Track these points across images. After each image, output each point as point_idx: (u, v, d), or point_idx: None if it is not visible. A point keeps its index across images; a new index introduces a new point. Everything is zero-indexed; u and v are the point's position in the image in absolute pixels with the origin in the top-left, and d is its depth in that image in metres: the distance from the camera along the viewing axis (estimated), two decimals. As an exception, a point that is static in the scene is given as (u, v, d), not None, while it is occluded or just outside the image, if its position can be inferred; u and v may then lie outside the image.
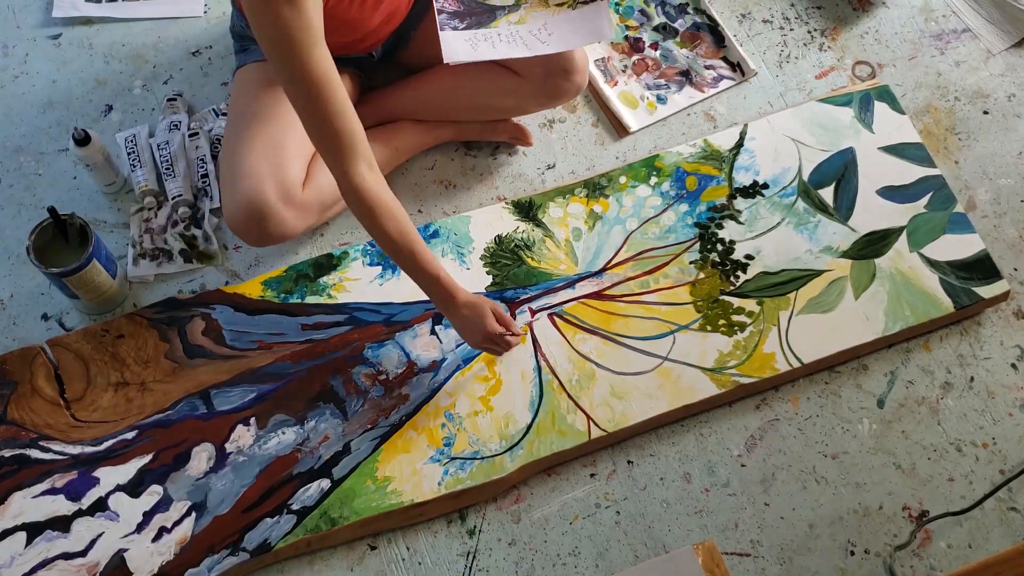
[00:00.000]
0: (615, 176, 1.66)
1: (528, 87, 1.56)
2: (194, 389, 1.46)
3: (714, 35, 1.84)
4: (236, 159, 1.43)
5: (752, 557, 1.41)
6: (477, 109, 1.63)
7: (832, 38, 1.85)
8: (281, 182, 1.42)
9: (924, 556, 1.42)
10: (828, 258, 1.59)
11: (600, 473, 1.46)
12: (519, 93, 1.57)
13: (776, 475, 1.47)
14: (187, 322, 1.51)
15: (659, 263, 1.59)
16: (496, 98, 1.60)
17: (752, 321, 1.53)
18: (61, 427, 1.43)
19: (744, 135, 1.70)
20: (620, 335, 1.52)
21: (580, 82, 1.56)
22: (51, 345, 1.49)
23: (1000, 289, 1.57)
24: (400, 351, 1.50)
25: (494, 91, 1.58)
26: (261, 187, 1.40)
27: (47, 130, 1.70)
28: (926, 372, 1.55)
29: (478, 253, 1.59)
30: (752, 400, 1.52)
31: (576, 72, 1.54)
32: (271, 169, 1.41)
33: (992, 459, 1.49)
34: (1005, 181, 1.72)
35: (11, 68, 1.76)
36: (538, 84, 1.55)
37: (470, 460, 1.42)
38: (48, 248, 1.47)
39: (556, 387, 1.48)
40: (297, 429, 1.44)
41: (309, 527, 1.37)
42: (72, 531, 1.36)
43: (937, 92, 1.80)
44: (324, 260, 1.57)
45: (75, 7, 1.80)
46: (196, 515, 1.37)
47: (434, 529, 1.42)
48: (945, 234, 1.62)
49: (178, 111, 1.69)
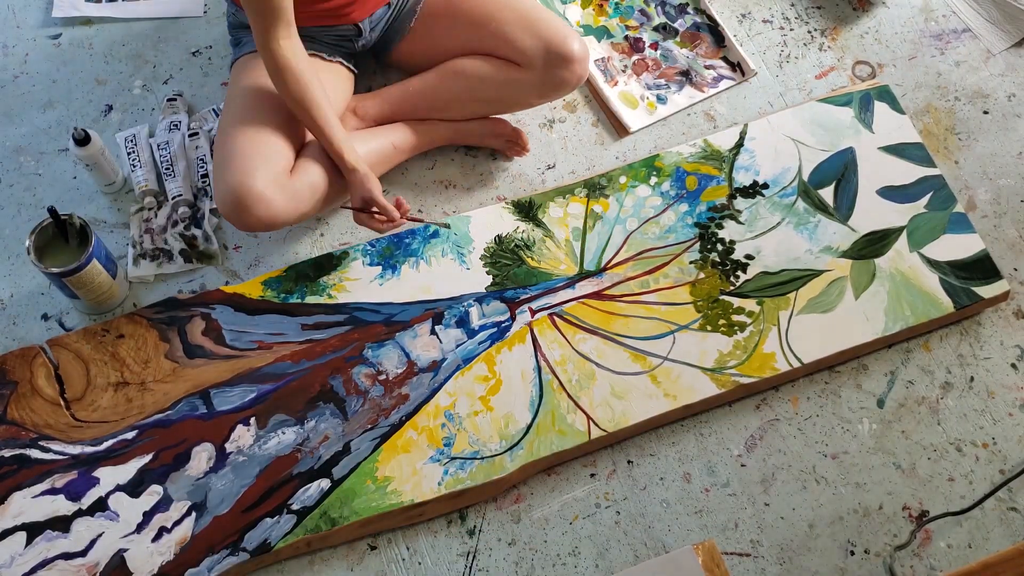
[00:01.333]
0: (615, 176, 1.66)
1: (529, 77, 1.56)
2: (194, 389, 1.46)
3: (714, 35, 1.84)
4: (227, 145, 1.46)
5: (752, 557, 1.41)
6: (478, 102, 1.63)
7: (832, 38, 1.85)
8: (271, 168, 1.44)
9: (924, 556, 1.42)
10: (828, 258, 1.59)
11: (600, 473, 1.46)
12: (520, 84, 1.57)
13: (776, 475, 1.47)
14: (187, 322, 1.51)
15: (659, 263, 1.59)
16: (497, 90, 1.59)
17: (752, 321, 1.53)
18: (61, 427, 1.43)
19: (744, 135, 1.70)
20: (620, 335, 1.52)
21: (581, 72, 1.56)
22: (51, 345, 1.49)
23: (1000, 289, 1.57)
24: (400, 351, 1.50)
25: (495, 83, 1.58)
26: (251, 171, 1.42)
27: (47, 130, 1.70)
28: (926, 372, 1.55)
29: (478, 253, 1.59)
30: (752, 400, 1.52)
31: (576, 62, 1.55)
32: (261, 155, 1.44)
33: (992, 459, 1.49)
34: (1005, 181, 1.72)
35: (11, 68, 1.76)
36: (538, 74, 1.55)
37: (470, 460, 1.42)
38: (48, 248, 1.47)
39: (556, 387, 1.48)
40: (297, 429, 1.44)
41: (309, 527, 1.37)
42: (72, 531, 1.36)
43: (937, 92, 1.80)
44: (324, 260, 1.57)
45: (75, 7, 1.80)
46: (196, 515, 1.37)
47: (434, 529, 1.42)
48: (945, 234, 1.62)
49: (178, 111, 1.69)
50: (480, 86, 1.60)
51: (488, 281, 1.57)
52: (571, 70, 1.55)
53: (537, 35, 1.54)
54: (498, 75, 1.58)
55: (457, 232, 1.60)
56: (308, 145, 1.52)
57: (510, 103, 1.63)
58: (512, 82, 1.57)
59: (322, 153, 1.50)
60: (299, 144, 1.52)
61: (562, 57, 1.53)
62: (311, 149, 1.51)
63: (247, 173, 1.42)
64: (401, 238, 1.60)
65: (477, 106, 1.64)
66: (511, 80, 1.57)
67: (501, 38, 1.55)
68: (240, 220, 1.44)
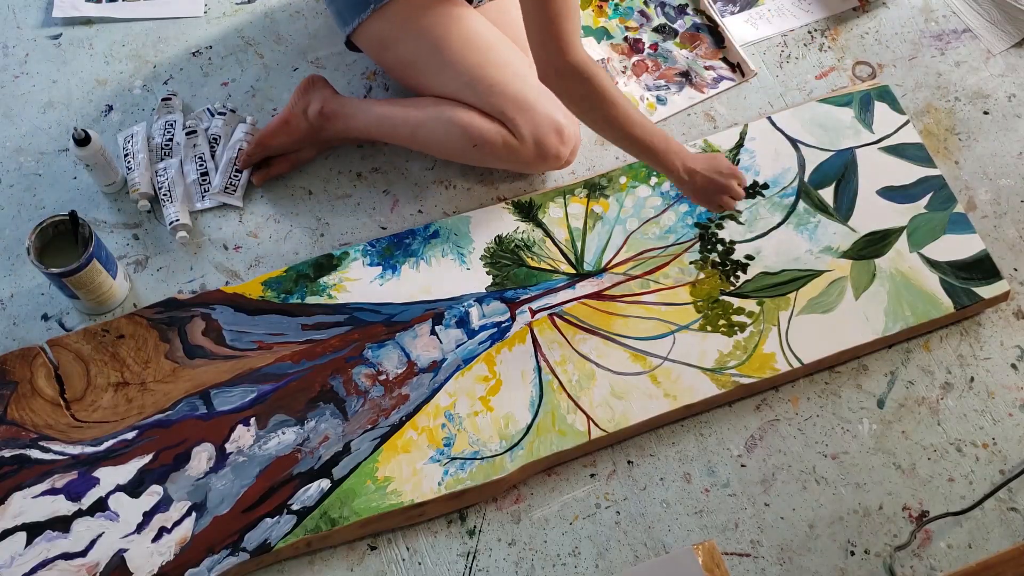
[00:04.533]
0: (615, 176, 1.66)
1: (520, 150, 1.55)
2: (194, 389, 1.46)
3: (714, 36, 1.84)
4: (508, 84, 1.50)
5: (752, 557, 1.41)
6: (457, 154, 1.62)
7: (832, 38, 1.85)
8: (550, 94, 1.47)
9: (924, 556, 1.42)
10: (828, 258, 1.59)
11: (600, 473, 1.46)
12: (508, 156, 1.57)
13: (776, 475, 1.47)
14: (187, 322, 1.51)
15: (659, 263, 1.59)
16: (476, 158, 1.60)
17: (752, 321, 1.54)
18: (61, 427, 1.43)
19: (744, 135, 1.70)
20: (620, 335, 1.52)
21: (567, 163, 1.59)
22: (51, 345, 1.49)
23: (1000, 289, 1.57)
24: (400, 351, 1.50)
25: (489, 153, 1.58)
26: (552, 104, 1.50)
27: (47, 130, 1.70)
28: (926, 372, 1.55)
29: (478, 253, 1.59)
30: (752, 400, 1.52)
31: (563, 161, 1.58)
32: (538, 87, 1.48)
33: (992, 459, 1.49)
34: (1005, 181, 1.72)
35: (11, 68, 1.76)
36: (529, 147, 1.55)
37: (470, 460, 1.42)
38: (48, 248, 1.48)
39: (556, 387, 1.48)
40: (297, 429, 1.44)
41: (309, 527, 1.37)
42: (72, 531, 1.36)
43: (937, 92, 1.80)
44: (324, 260, 1.58)
45: (75, 7, 1.80)
46: (196, 515, 1.37)
47: (434, 529, 1.42)
48: (945, 234, 1.62)
49: (173, 111, 1.69)
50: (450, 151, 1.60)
51: (488, 281, 1.57)
52: (557, 164, 1.59)
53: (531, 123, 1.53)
54: (494, 144, 1.55)
55: (457, 232, 1.60)
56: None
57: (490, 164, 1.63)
58: (507, 156, 1.57)
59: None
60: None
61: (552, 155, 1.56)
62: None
63: (557, 107, 1.50)
64: (401, 238, 1.60)
65: (455, 157, 1.63)
66: (508, 154, 1.57)
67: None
68: (561, 155, 1.54)
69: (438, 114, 1.57)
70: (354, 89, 1.74)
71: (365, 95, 1.74)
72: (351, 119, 1.62)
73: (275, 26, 1.82)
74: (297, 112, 1.62)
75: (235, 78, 1.76)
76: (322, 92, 1.63)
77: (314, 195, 1.66)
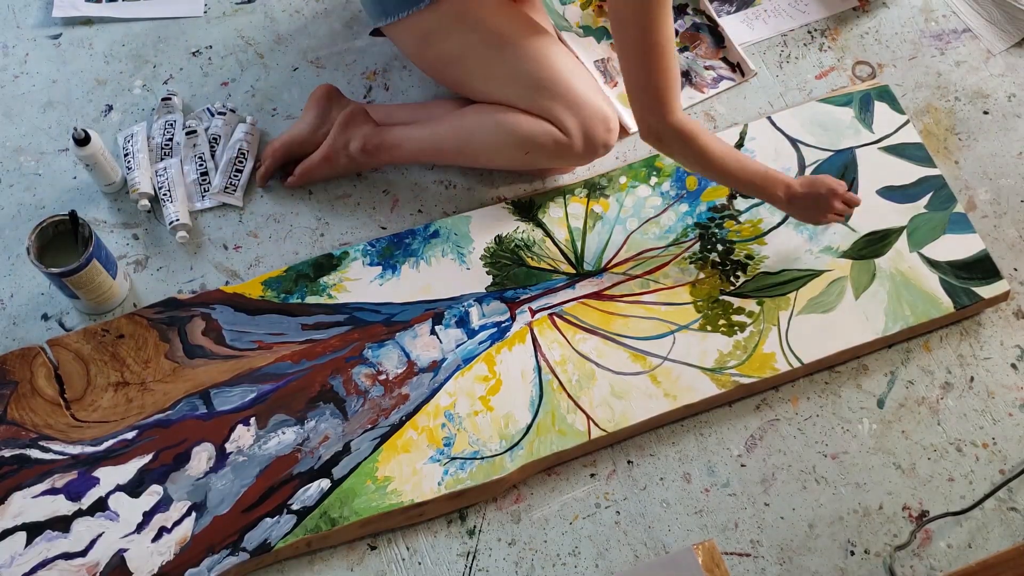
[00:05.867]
0: (615, 176, 1.66)
1: (568, 145, 1.54)
2: (194, 389, 1.46)
3: (714, 35, 1.84)
4: (558, 82, 1.50)
5: (752, 557, 1.41)
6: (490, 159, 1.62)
7: (832, 38, 1.85)
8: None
9: (924, 556, 1.42)
10: (828, 258, 1.59)
11: (600, 473, 1.46)
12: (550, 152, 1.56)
13: (776, 475, 1.47)
14: (187, 322, 1.51)
15: (659, 263, 1.59)
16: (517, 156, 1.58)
17: (752, 321, 1.54)
18: (61, 427, 1.43)
19: (744, 135, 1.70)
20: (620, 335, 1.52)
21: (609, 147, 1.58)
22: (51, 345, 1.49)
23: (1000, 289, 1.57)
24: (400, 351, 1.50)
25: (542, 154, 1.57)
26: (599, 96, 1.52)
27: (47, 130, 1.70)
28: (926, 372, 1.55)
29: (478, 253, 1.59)
30: (752, 400, 1.52)
31: (610, 147, 1.57)
32: (589, 78, 1.54)
33: (992, 459, 1.49)
34: (1005, 181, 1.72)
35: (11, 68, 1.76)
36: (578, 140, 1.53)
37: (470, 460, 1.42)
38: (48, 248, 1.48)
39: (556, 387, 1.48)
40: (297, 429, 1.44)
41: (309, 527, 1.37)
42: (72, 531, 1.36)
43: (937, 92, 1.80)
44: (324, 260, 1.58)
45: (75, 7, 1.80)
46: (196, 515, 1.37)
47: (434, 529, 1.42)
48: (945, 234, 1.62)
49: (172, 111, 1.69)
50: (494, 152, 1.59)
51: (488, 281, 1.57)
52: (604, 153, 1.58)
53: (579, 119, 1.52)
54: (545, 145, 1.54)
55: (457, 232, 1.60)
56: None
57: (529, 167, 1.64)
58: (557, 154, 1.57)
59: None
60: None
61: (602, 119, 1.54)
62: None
63: (602, 100, 1.51)
64: (401, 238, 1.60)
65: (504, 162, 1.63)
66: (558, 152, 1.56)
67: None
68: (609, 144, 1.54)
69: (481, 122, 1.55)
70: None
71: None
72: (395, 150, 1.60)
73: (275, 26, 1.82)
74: (338, 148, 1.59)
75: (235, 78, 1.76)
76: (362, 128, 1.59)
77: (314, 195, 1.66)
